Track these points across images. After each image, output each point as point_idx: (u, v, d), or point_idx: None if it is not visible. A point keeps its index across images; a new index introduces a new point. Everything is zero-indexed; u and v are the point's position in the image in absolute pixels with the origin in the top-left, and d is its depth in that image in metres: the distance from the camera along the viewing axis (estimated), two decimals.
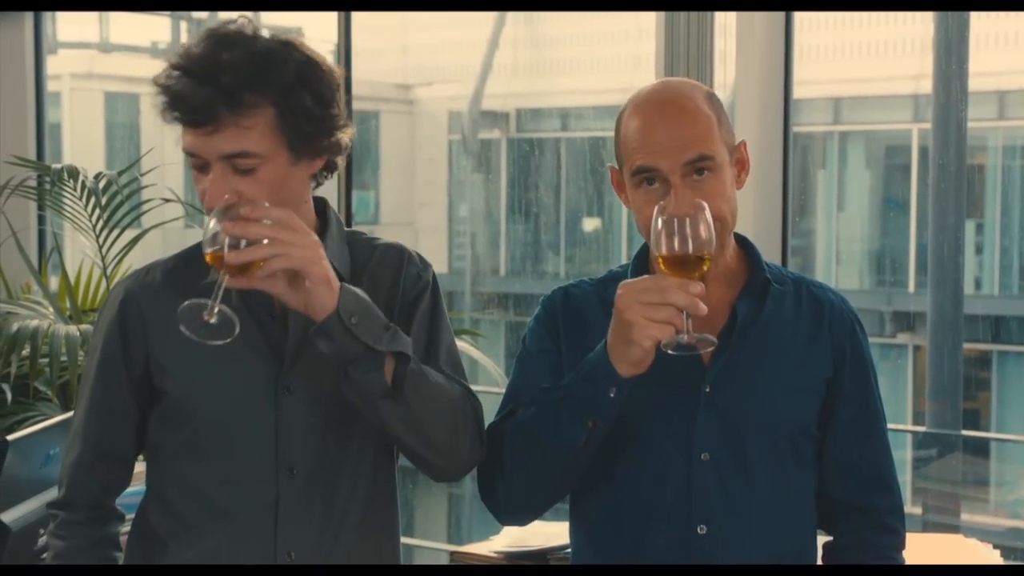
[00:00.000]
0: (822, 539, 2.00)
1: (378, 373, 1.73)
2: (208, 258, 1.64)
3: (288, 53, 1.73)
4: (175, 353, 1.83)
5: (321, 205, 1.92)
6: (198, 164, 1.73)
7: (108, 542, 1.90)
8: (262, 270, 1.63)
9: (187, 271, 1.85)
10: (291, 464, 1.82)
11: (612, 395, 1.77)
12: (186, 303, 1.64)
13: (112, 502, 1.93)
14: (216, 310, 1.63)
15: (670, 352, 1.71)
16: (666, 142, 1.83)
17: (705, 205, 1.73)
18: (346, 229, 1.95)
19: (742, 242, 2.00)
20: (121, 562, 1.91)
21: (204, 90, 1.68)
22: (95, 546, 1.88)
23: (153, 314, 1.85)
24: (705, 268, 1.72)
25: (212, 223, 1.63)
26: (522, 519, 1.98)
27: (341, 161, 1.84)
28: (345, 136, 1.81)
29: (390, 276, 1.90)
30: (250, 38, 1.73)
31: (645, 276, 1.76)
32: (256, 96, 1.70)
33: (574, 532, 2.00)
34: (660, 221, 1.72)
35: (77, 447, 1.90)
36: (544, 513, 1.96)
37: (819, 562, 1.99)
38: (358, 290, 1.73)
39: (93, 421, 1.89)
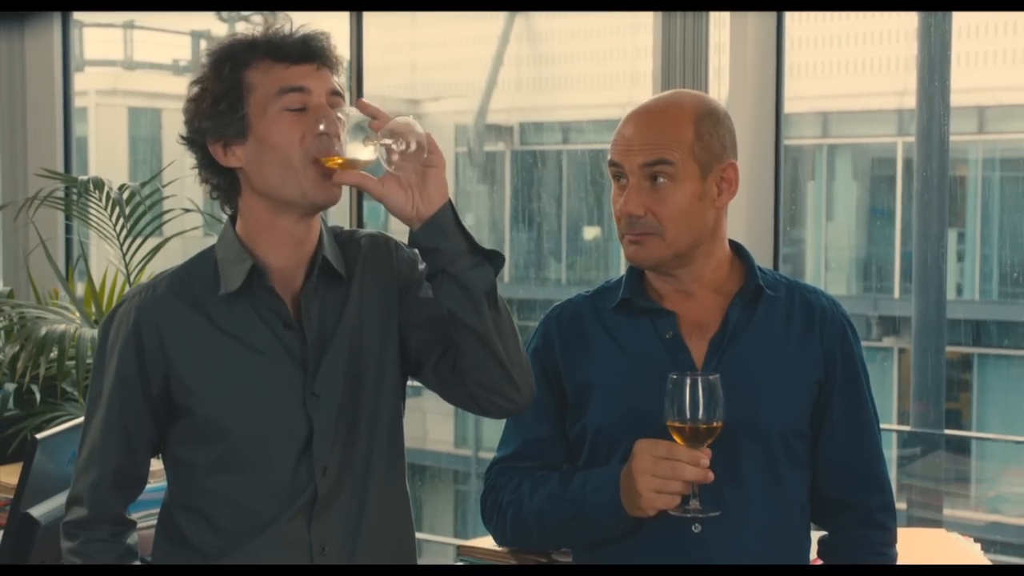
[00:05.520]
0: (816, 534, 2.00)
1: (484, 268, 1.70)
2: (334, 160, 1.67)
3: None
4: (199, 371, 1.79)
5: None
6: (298, 103, 1.76)
7: (130, 553, 1.86)
8: (405, 155, 1.64)
9: (198, 283, 1.82)
10: (325, 465, 1.80)
11: (621, 527, 1.84)
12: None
13: (128, 513, 1.90)
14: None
15: (672, 513, 1.77)
16: (632, 142, 1.88)
17: (718, 376, 1.74)
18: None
19: (737, 249, 1.99)
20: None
21: (310, 36, 1.80)
22: (120, 560, 1.85)
23: (170, 331, 1.80)
24: (716, 435, 1.74)
25: (322, 126, 1.68)
26: None
27: None
28: None
29: (385, 268, 1.88)
30: None
31: (661, 443, 1.75)
32: None
33: None
34: (673, 385, 1.73)
35: (95, 469, 1.84)
36: None
37: (813, 555, 1.99)
38: None
39: (111, 443, 1.83)
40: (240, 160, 1.79)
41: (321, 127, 1.69)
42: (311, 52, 1.78)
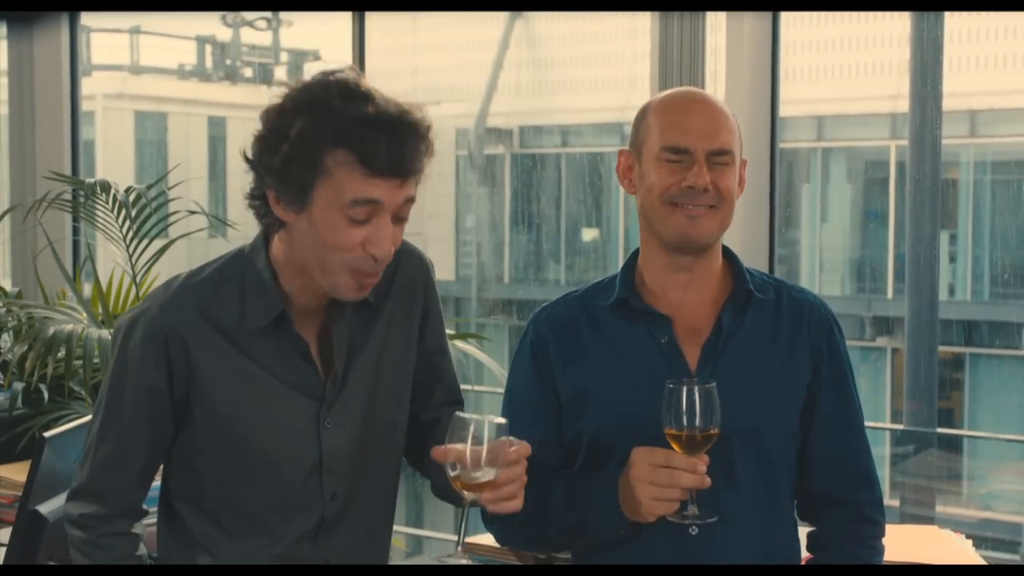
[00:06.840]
0: (804, 529, 2.00)
1: None
2: (458, 483, 1.69)
3: None
4: (220, 388, 1.80)
5: None
6: (364, 215, 1.68)
7: (139, 540, 1.88)
8: (496, 509, 1.71)
9: (224, 300, 1.81)
10: (334, 491, 1.84)
11: (622, 532, 1.84)
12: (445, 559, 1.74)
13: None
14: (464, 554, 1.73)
15: (670, 519, 1.77)
16: (700, 125, 1.89)
17: (714, 384, 1.74)
18: None
19: (726, 253, 1.99)
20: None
21: (407, 143, 1.68)
22: (134, 549, 1.86)
23: (195, 345, 1.80)
24: (713, 442, 1.74)
25: (470, 451, 1.67)
26: None
27: None
28: None
29: (417, 295, 1.92)
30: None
31: (658, 451, 1.76)
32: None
33: None
34: (670, 393, 1.73)
35: (121, 468, 1.83)
36: None
37: (803, 550, 1.99)
38: None
39: (138, 443, 1.83)
40: (289, 219, 1.74)
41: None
42: (403, 170, 1.69)
